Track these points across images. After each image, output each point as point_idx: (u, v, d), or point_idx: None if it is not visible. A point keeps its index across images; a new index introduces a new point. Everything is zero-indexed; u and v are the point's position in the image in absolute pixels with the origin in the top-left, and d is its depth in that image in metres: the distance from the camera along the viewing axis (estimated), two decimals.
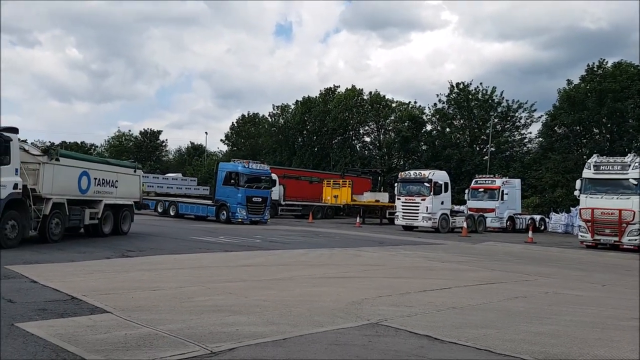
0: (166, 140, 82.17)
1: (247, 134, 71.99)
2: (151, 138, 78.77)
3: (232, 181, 28.89)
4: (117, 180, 18.29)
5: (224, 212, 29.10)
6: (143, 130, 78.84)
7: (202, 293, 8.59)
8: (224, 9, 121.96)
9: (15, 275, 9.41)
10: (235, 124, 74.32)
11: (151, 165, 67.59)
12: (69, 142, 75.52)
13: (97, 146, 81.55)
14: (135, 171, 20.06)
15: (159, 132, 79.95)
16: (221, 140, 76.78)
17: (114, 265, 11.59)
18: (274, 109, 69.85)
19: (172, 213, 32.34)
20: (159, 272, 10.86)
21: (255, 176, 29.73)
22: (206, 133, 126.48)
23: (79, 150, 65.73)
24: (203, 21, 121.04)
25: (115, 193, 18.20)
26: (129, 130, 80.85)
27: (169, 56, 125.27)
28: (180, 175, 49.61)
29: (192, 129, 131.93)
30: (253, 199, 29.08)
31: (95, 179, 16.94)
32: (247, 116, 74.50)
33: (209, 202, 30.84)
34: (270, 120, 70.31)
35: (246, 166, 29.38)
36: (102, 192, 17.40)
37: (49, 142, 56.32)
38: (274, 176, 36.38)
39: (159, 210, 33.52)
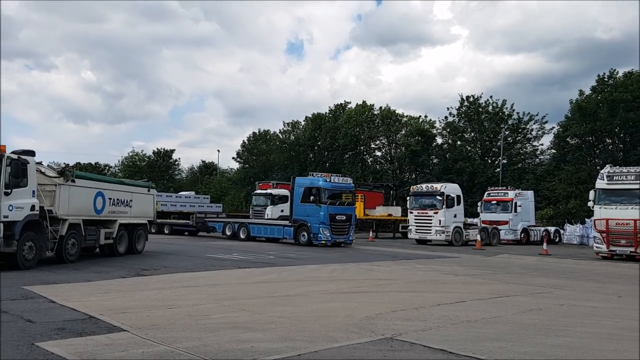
0: (179, 158, 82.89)
1: (259, 151, 72.37)
2: (164, 157, 79.43)
3: (312, 198, 25.88)
4: (131, 200, 18.50)
5: (304, 233, 26.25)
6: (156, 150, 79.68)
7: (217, 310, 8.67)
8: (236, 29, 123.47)
9: (34, 296, 9.56)
10: (247, 142, 74.79)
11: (164, 184, 68.06)
12: (84, 163, 76.19)
13: (111, 166, 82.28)
14: (149, 190, 20.28)
15: (172, 151, 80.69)
16: (233, 158, 77.21)
17: (129, 284, 11.72)
18: (284, 126, 70.30)
19: (242, 236, 29.51)
20: (174, 290, 10.95)
21: (339, 191, 26.69)
22: (218, 151, 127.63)
23: (93, 171, 66.43)
24: (216, 41, 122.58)
25: (129, 212, 18.40)
26: (142, 150, 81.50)
27: (182, 76, 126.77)
28: (193, 193, 49.93)
29: (205, 147, 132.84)
30: (337, 217, 25.98)
31: (110, 199, 17.16)
32: (258, 133, 74.96)
33: (285, 222, 28.04)
34: (281, 137, 70.71)
35: (328, 180, 26.34)
36: (116, 212, 17.61)
37: (64, 163, 56.72)
38: (286, 192, 36.52)
39: (227, 232, 30.68)
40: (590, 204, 23.78)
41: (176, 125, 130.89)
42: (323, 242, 25.49)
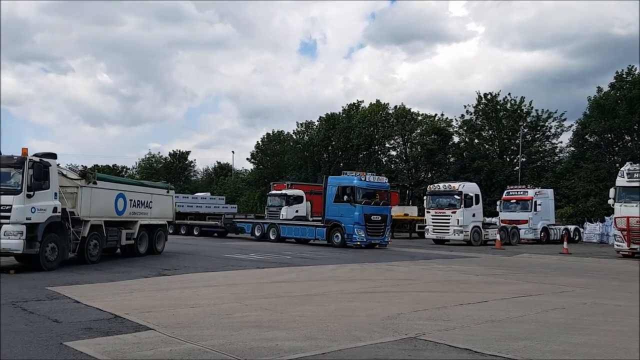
0: (194, 160, 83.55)
1: (273, 152, 72.63)
2: (180, 159, 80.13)
3: (347, 197, 25.03)
4: (151, 201, 18.69)
5: (338, 233, 25.43)
6: (172, 152, 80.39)
7: (239, 309, 8.73)
8: (250, 31, 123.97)
9: (59, 296, 9.71)
10: (260, 143, 75.08)
11: (180, 185, 68.61)
12: (101, 165, 77.02)
13: (128, 168, 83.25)
14: (168, 192, 20.46)
15: (188, 152, 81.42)
16: (247, 159, 77.61)
17: (151, 284, 11.84)
18: (298, 126, 70.46)
19: (272, 237, 28.88)
20: (196, 289, 11.05)
21: (374, 190, 25.86)
22: (233, 152, 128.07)
23: (111, 173, 67.18)
24: (230, 44, 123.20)
25: (149, 214, 18.59)
26: (159, 152, 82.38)
27: (196, 78, 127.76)
28: (208, 194, 50.29)
29: (220, 148, 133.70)
30: (372, 218, 25.07)
31: (131, 200, 17.36)
32: (272, 134, 75.22)
33: (318, 222, 27.39)
34: (294, 137, 70.88)
35: (362, 179, 25.46)
36: (137, 213, 17.80)
37: (82, 165, 57.48)
38: (301, 192, 36.58)
39: (257, 233, 30.05)
40: (610, 201, 23.50)
41: (191, 127, 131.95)
42: (358, 243, 24.65)
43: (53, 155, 14.18)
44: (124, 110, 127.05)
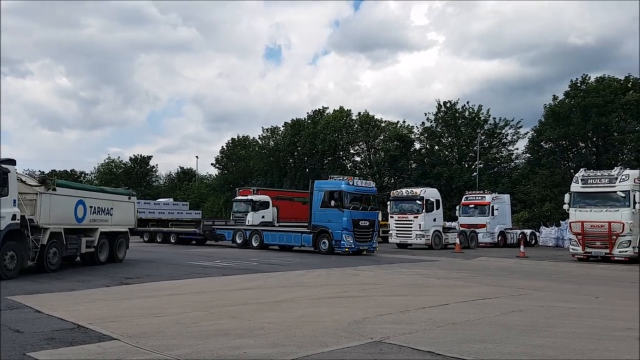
0: (156, 165, 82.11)
1: (238, 157, 72.20)
2: (141, 164, 78.62)
3: (334, 202, 24.53)
4: (112, 208, 18.37)
5: (325, 240, 24.91)
6: (133, 156, 78.81)
7: (205, 318, 8.71)
8: (215, 35, 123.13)
9: (19, 306, 9.48)
10: (225, 148, 74.53)
11: (142, 190, 67.37)
12: (59, 170, 75.07)
13: (87, 174, 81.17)
14: (129, 198, 20.16)
15: (149, 157, 79.88)
16: (212, 164, 76.84)
17: (114, 293, 11.67)
18: (263, 132, 70.32)
19: (255, 244, 28.06)
20: (160, 298, 10.96)
21: (361, 195, 25.54)
22: (197, 157, 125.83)
23: (69, 178, 65.48)
24: (194, 47, 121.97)
25: (110, 221, 18.27)
26: (119, 157, 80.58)
27: (159, 82, 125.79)
28: (171, 200, 49.64)
29: (184, 153, 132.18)
30: (360, 223, 24.69)
31: (91, 207, 17.03)
32: (237, 139, 74.78)
33: (304, 229, 26.72)
34: (260, 142, 70.68)
35: (350, 183, 25.10)
36: (97, 220, 17.47)
37: (40, 171, 55.98)
38: (267, 198, 36.53)
39: (238, 240, 29.23)
40: (565, 206, 24.30)
41: (154, 131, 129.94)
42: (346, 249, 24.21)
43: (12, 162, 13.80)
44: (83, 114, 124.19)
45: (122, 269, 16.78)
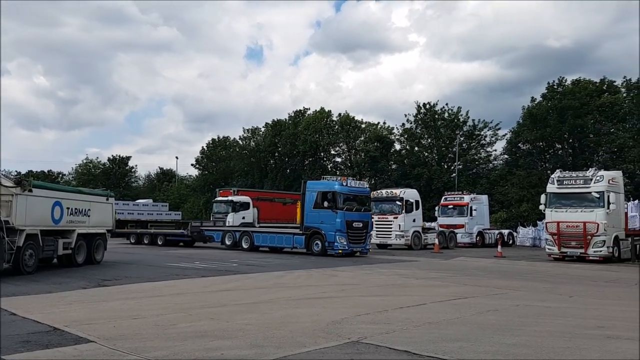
0: (136, 166, 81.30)
1: (218, 158, 71.84)
2: (120, 164, 77.74)
3: (327, 203, 24.16)
4: (89, 209, 18.18)
5: (318, 241, 24.53)
6: (111, 157, 77.90)
7: (184, 319, 8.69)
8: (195, 35, 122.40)
9: None
10: (206, 148, 74.12)
11: (120, 191, 66.63)
12: (36, 171, 73.84)
13: (64, 174, 80.00)
14: (107, 199, 19.95)
15: (128, 158, 79.04)
16: (192, 164, 76.34)
17: (91, 295, 11.55)
18: (244, 132, 70.10)
19: (245, 245, 27.64)
20: (138, 300, 10.88)
21: (355, 196, 25.13)
22: (177, 158, 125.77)
23: (46, 179, 64.46)
24: (175, 47, 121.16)
25: (88, 222, 18.08)
26: (97, 158, 79.50)
27: (139, 82, 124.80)
28: (150, 201, 49.21)
29: (164, 153, 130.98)
30: (354, 224, 24.37)
31: (68, 208, 16.84)
32: (217, 140, 74.41)
33: (296, 230, 26.31)
34: (241, 143, 70.44)
35: (344, 184, 24.69)
36: (75, 222, 17.27)
37: (16, 171, 55.09)
38: (247, 199, 36.44)
39: (227, 242, 28.73)
40: (541, 207, 24.71)
41: (133, 131, 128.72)
42: (340, 251, 23.85)
43: None
44: (61, 113, 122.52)
45: (99, 270, 16.61)
